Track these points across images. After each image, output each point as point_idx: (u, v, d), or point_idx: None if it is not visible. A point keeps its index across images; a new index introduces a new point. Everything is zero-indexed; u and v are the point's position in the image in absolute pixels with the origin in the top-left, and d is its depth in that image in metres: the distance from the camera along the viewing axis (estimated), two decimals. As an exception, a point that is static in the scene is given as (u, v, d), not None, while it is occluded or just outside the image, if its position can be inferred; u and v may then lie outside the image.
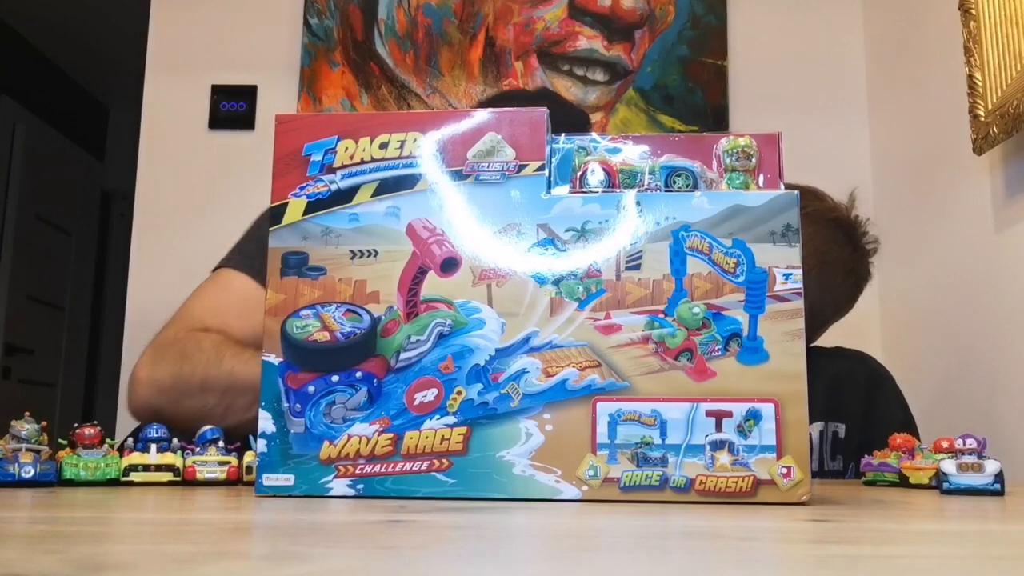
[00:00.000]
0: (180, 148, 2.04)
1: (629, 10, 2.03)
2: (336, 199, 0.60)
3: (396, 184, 0.60)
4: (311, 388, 0.58)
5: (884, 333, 1.86)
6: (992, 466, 0.63)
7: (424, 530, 0.41)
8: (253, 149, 1.97)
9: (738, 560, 0.33)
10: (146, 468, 0.66)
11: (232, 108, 2.03)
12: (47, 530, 0.41)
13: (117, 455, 0.66)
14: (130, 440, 0.69)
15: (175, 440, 0.69)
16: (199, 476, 0.67)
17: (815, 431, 1.11)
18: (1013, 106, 1.27)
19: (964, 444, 0.64)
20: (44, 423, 0.64)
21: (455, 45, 2.04)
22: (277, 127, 0.62)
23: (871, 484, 0.78)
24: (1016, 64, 1.28)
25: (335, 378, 0.58)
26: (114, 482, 0.65)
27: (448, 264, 0.59)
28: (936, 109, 1.63)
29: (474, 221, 0.59)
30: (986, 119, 1.35)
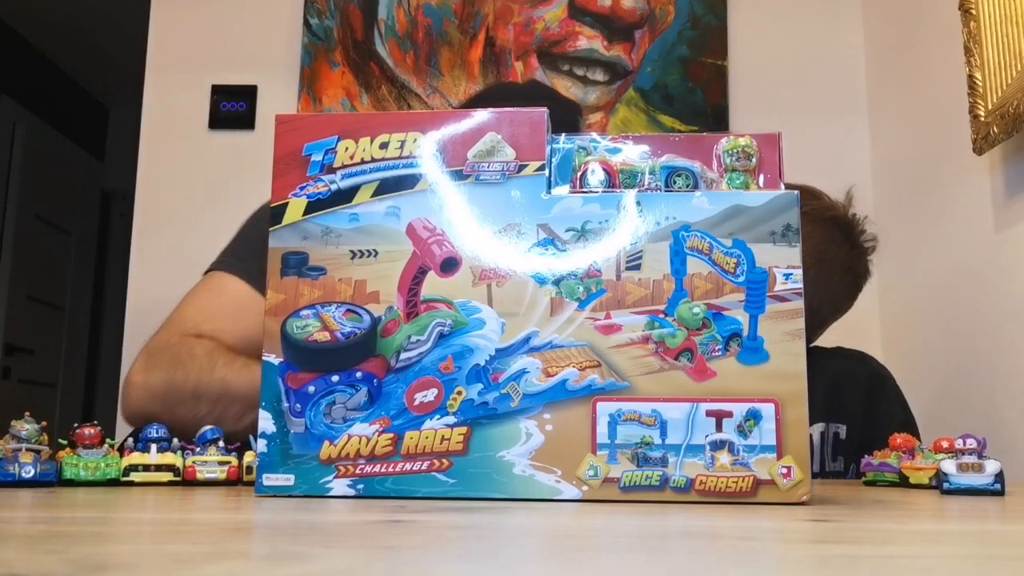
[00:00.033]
0: (180, 148, 2.04)
1: (629, 10, 2.03)
2: (336, 199, 0.60)
3: (396, 184, 0.60)
4: (311, 388, 0.58)
5: (884, 333, 1.86)
6: (992, 466, 0.63)
7: (424, 530, 0.41)
8: (253, 149, 1.97)
9: (738, 560, 0.33)
10: (146, 468, 0.66)
11: (232, 108, 2.03)
12: (47, 530, 0.41)
13: (117, 455, 0.66)
14: (130, 440, 0.69)
15: (175, 440, 0.69)
16: (199, 476, 0.67)
17: (816, 432, 1.11)
18: (1013, 106, 1.27)
19: (964, 444, 0.64)
20: (44, 423, 0.64)
21: (455, 45, 2.04)
22: (277, 127, 0.62)
23: (871, 484, 0.78)
24: (1016, 64, 1.28)
25: (335, 378, 0.58)
26: (114, 482, 0.65)
27: (448, 264, 0.59)
28: (936, 109, 1.63)
29: (474, 221, 0.59)
30: (986, 119, 1.35)
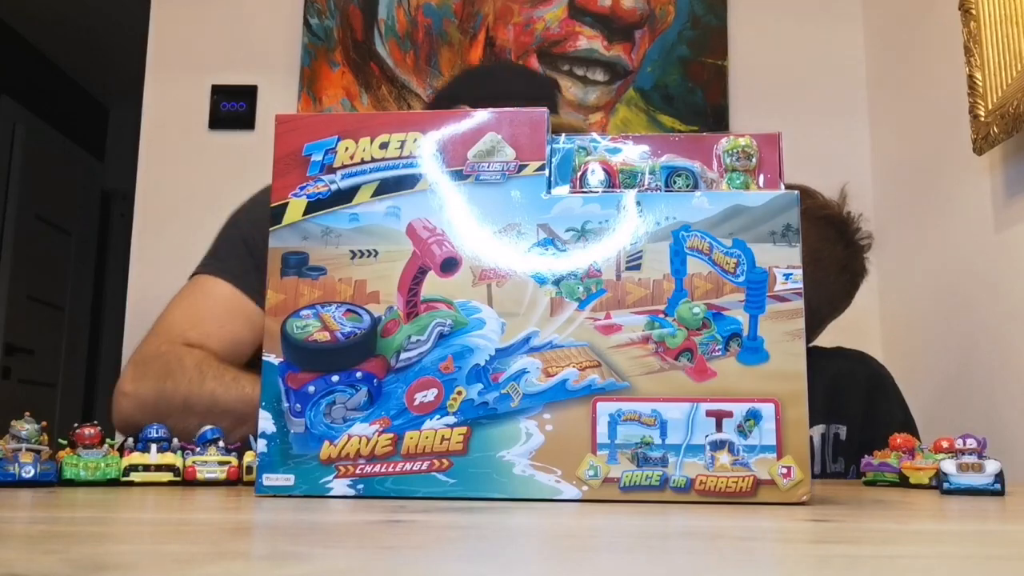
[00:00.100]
0: (180, 148, 2.04)
1: (629, 10, 2.03)
2: (336, 199, 0.60)
3: (396, 184, 0.60)
4: (311, 388, 0.58)
5: (884, 333, 1.86)
6: (992, 466, 0.63)
7: (424, 530, 0.41)
8: (253, 149, 1.97)
9: (738, 560, 0.33)
10: (146, 468, 0.66)
11: (232, 108, 2.03)
12: (47, 530, 0.41)
13: (117, 455, 0.66)
14: (130, 440, 0.69)
15: (175, 440, 0.69)
16: (199, 476, 0.67)
17: (816, 434, 1.11)
18: (1013, 106, 1.27)
19: (964, 444, 0.64)
20: (44, 423, 0.64)
21: (455, 45, 2.04)
22: (277, 127, 0.62)
23: (871, 484, 0.78)
24: (1016, 64, 1.28)
25: (335, 378, 0.58)
26: (114, 482, 0.65)
27: (448, 264, 0.59)
28: (936, 109, 1.63)
29: (474, 221, 0.59)
30: (986, 119, 1.35)
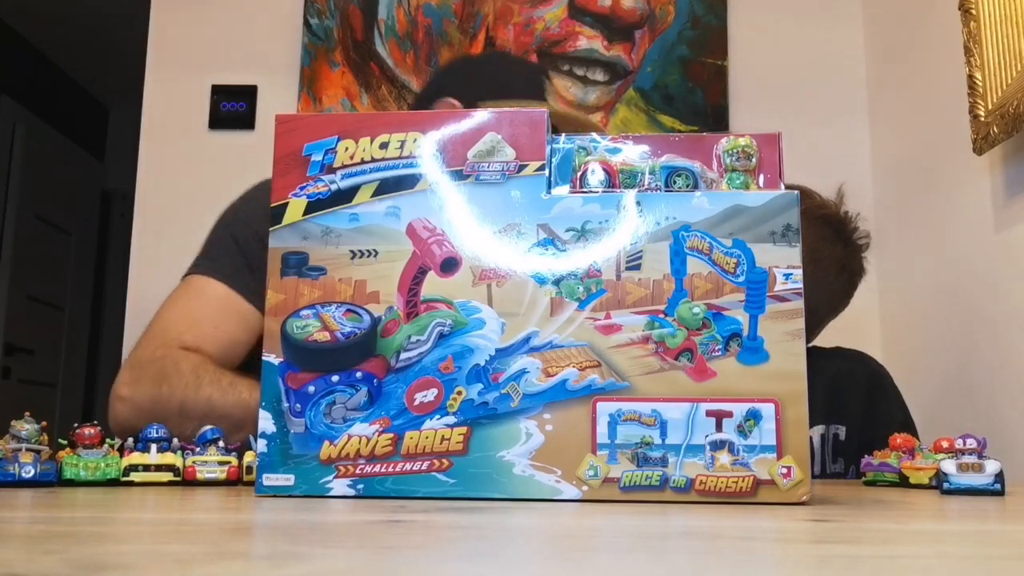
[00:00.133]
0: (180, 148, 2.04)
1: (629, 10, 2.03)
2: (336, 199, 0.60)
3: (396, 184, 0.60)
4: (311, 388, 0.58)
5: (884, 333, 1.86)
6: (992, 466, 0.63)
7: (424, 530, 0.41)
8: (253, 149, 1.97)
9: (738, 560, 0.33)
10: (146, 468, 0.66)
11: (232, 108, 2.03)
12: (47, 530, 0.41)
13: (117, 455, 0.66)
14: (130, 440, 0.69)
15: (175, 440, 0.69)
16: (199, 476, 0.67)
17: (816, 435, 1.11)
18: (1013, 106, 1.27)
19: (964, 444, 0.64)
20: (44, 423, 0.64)
21: (455, 45, 2.04)
22: (277, 127, 0.62)
23: (871, 484, 0.78)
24: (1016, 64, 1.28)
25: (335, 378, 0.58)
26: (114, 482, 0.65)
27: (448, 264, 0.59)
28: (936, 109, 1.63)
29: (474, 221, 0.59)
30: (986, 119, 1.35)
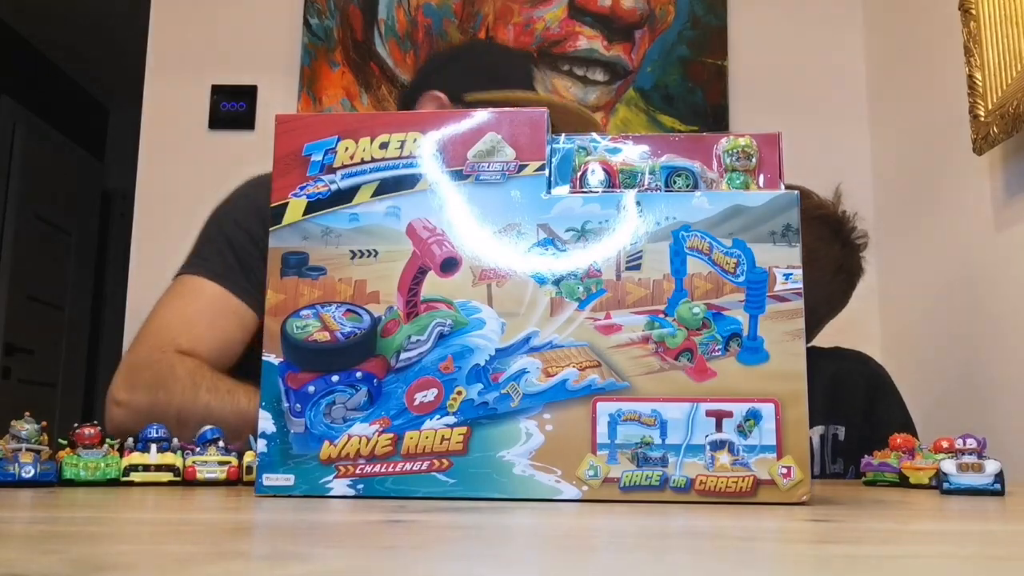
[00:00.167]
0: (180, 148, 2.04)
1: (629, 10, 2.03)
2: (336, 199, 0.60)
3: (396, 184, 0.60)
4: (311, 388, 0.58)
5: (884, 333, 1.86)
6: (992, 466, 0.63)
7: (424, 530, 0.41)
8: (253, 149, 1.96)
9: (738, 560, 0.33)
10: (146, 468, 0.66)
11: (232, 108, 2.03)
12: (47, 530, 0.41)
13: (117, 455, 0.66)
14: (130, 440, 0.69)
15: (175, 440, 0.69)
16: (199, 476, 0.67)
17: (815, 435, 1.11)
18: (1013, 106, 1.27)
19: (964, 444, 0.64)
20: (44, 423, 0.64)
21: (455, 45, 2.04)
22: (277, 127, 0.62)
23: (871, 484, 0.78)
24: (1016, 64, 1.28)
25: (335, 378, 0.58)
26: (114, 482, 0.65)
27: (448, 264, 0.59)
28: (936, 109, 1.63)
29: (474, 221, 0.59)
30: (986, 119, 1.35)
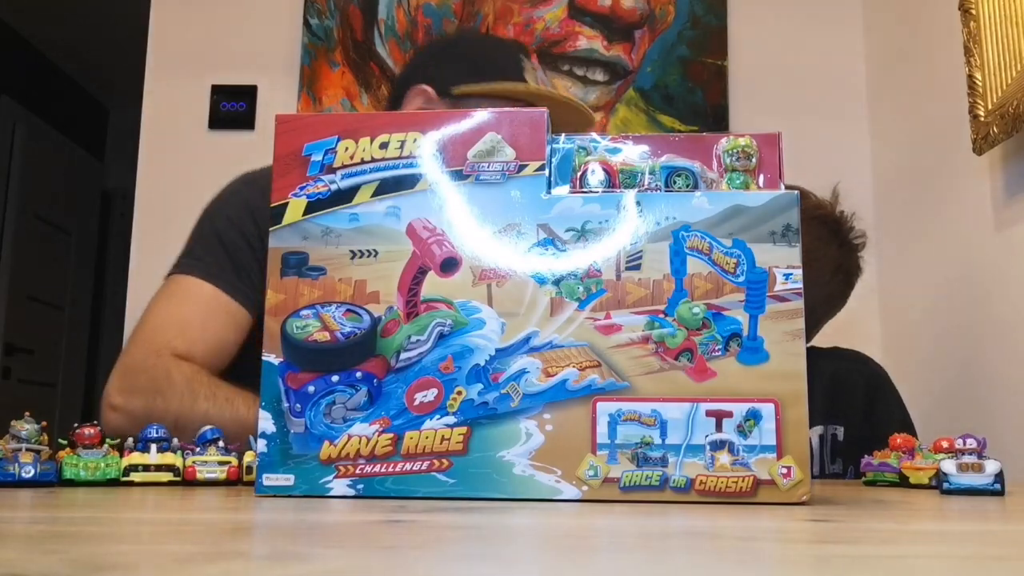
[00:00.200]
0: (180, 148, 2.04)
1: (629, 10, 2.03)
2: (336, 199, 0.60)
3: (396, 184, 0.60)
4: (311, 388, 0.58)
5: (884, 333, 1.86)
6: (992, 466, 0.63)
7: (424, 530, 0.41)
8: (253, 149, 1.96)
9: (738, 560, 0.33)
10: (146, 468, 0.66)
11: (232, 108, 2.03)
12: (47, 530, 0.41)
13: (117, 455, 0.66)
14: (130, 440, 0.69)
15: (175, 440, 0.69)
16: (199, 476, 0.67)
17: (815, 435, 1.11)
18: (1013, 106, 1.27)
19: (964, 444, 0.64)
20: (44, 423, 0.64)
21: (455, 45, 2.04)
22: (277, 127, 0.62)
23: (871, 484, 0.78)
24: (1016, 64, 1.28)
25: (335, 378, 0.58)
26: (114, 482, 0.65)
27: (448, 264, 0.59)
28: (936, 109, 1.63)
29: (474, 221, 0.59)
30: (986, 119, 1.35)
